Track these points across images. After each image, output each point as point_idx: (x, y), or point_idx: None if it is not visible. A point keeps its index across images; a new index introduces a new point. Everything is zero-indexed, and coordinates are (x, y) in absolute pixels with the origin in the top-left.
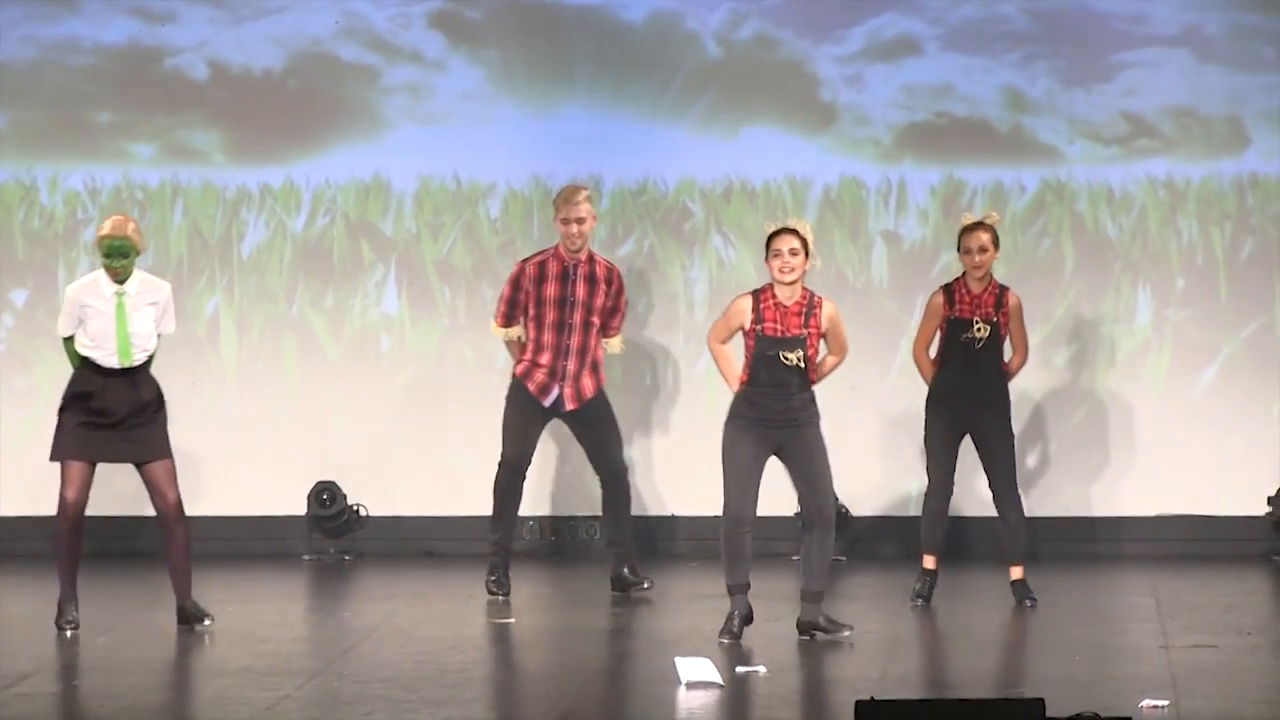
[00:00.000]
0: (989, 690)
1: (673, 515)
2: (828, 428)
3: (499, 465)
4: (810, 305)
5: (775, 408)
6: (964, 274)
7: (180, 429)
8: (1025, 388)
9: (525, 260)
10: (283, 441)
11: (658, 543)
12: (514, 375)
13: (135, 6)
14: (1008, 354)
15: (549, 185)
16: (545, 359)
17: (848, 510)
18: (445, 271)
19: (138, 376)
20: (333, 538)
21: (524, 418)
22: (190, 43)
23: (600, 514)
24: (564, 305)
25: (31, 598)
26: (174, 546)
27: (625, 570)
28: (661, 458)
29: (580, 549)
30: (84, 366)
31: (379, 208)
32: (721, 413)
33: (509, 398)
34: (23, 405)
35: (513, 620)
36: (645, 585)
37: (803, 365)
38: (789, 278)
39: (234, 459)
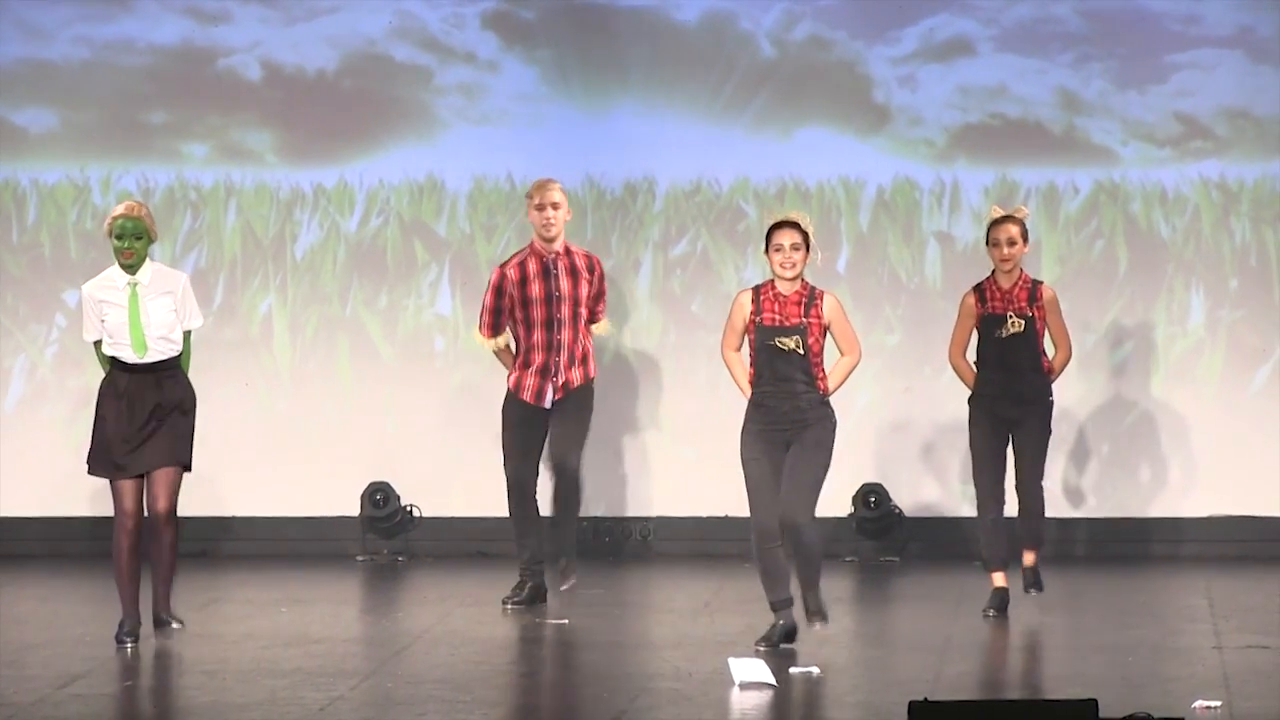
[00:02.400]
0: (1042, 691)
1: (726, 516)
2: (882, 428)
3: (507, 489)
4: (811, 297)
5: (782, 409)
6: (993, 271)
7: (234, 430)
8: (1078, 389)
9: (504, 265)
10: (336, 442)
11: (713, 544)
12: (508, 390)
13: (188, 7)
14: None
15: (602, 186)
16: (537, 359)
17: (901, 511)
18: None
19: (164, 375)
20: (386, 538)
21: (523, 433)
22: (243, 43)
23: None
24: (550, 301)
25: (86, 599)
26: (154, 548)
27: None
28: (714, 457)
29: (633, 549)
30: (112, 367)
31: (433, 208)
32: None
33: (504, 415)
34: (76, 405)
35: (566, 621)
36: (564, 586)
37: (801, 353)
38: (789, 273)
39: (287, 460)
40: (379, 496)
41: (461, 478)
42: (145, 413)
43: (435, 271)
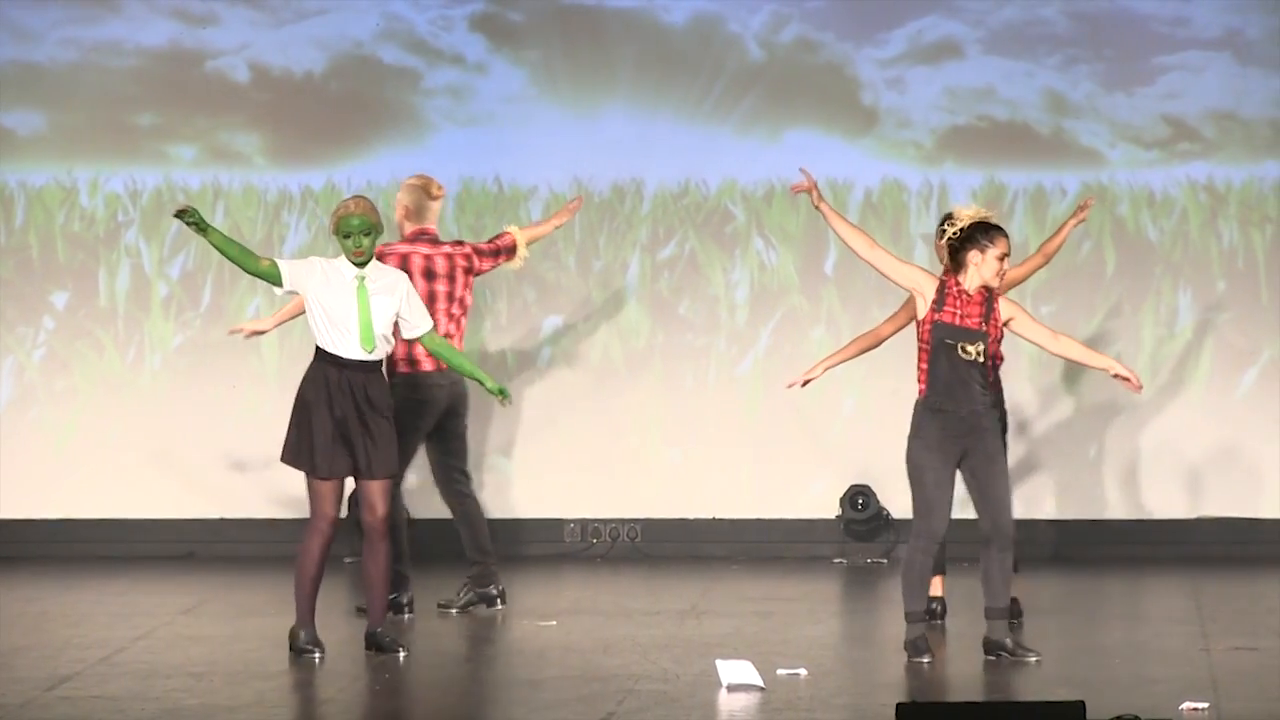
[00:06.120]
0: (1029, 693)
1: (714, 518)
2: (870, 430)
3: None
4: (989, 298)
5: (961, 413)
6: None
7: (221, 432)
8: (1065, 391)
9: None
10: None
11: (701, 545)
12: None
13: (176, 9)
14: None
15: (590, 188)
16: None
17: (889, 513)
18: (487, 274)
19: (371, 376)
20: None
21: None
22: (231, 45)
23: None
24: None
25: (74, 601)
26: (372, 562)
27: (494, 589)
28: (703, 460)
29: (621, 551)
30: (318, 360)
31: None
32: (763, 415)
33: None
34: (62, 407)
35: (554, 623)
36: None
37: (982, 361)
38: (998, 283)
39: (274, 464)
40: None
41: None
42: (355, 413)
43: None
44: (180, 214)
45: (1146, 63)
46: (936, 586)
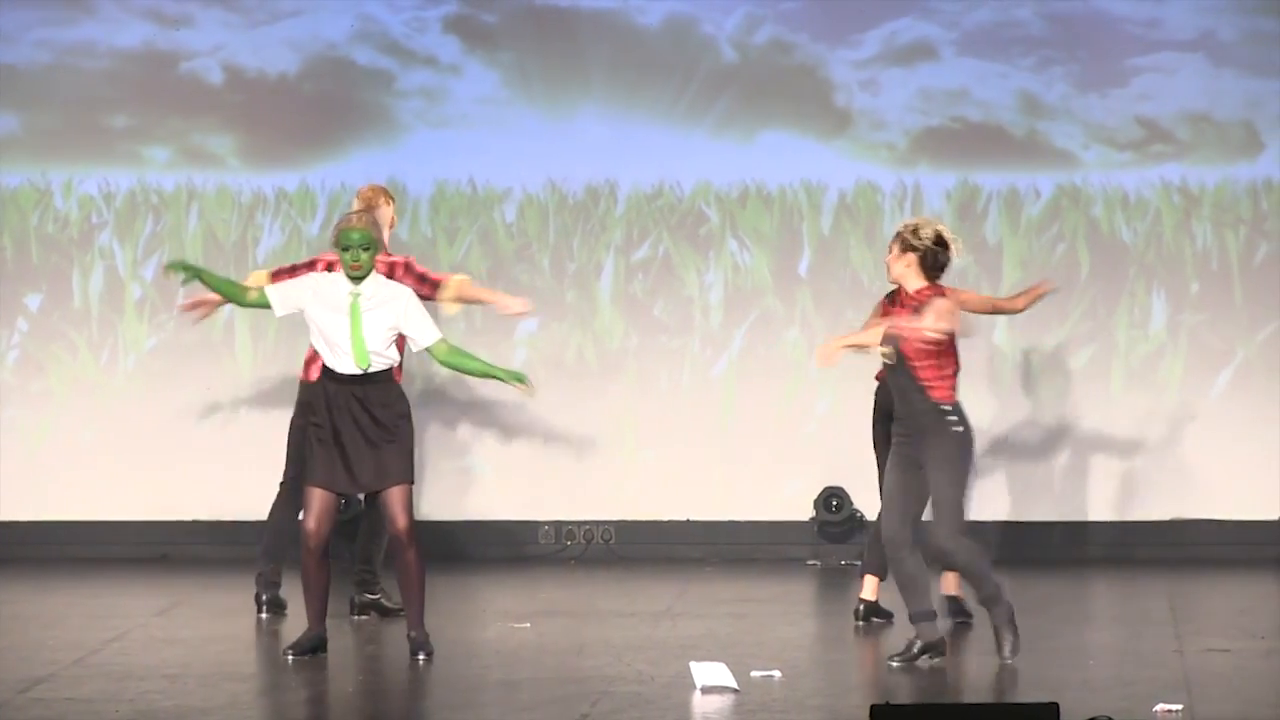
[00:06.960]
0: (1003, 695)
1: (688, 520)
2: (843, 431)
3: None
4: (928, 302)
5: (901, 415)
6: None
7: (194, 434)
8: (1040, 393)
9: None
10: None
11: (675, 547)
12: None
13: (150, 10)
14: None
15: (564, 190)
16: None
17: (863, 515)
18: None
19: (371, 387)
20: (350, 543)
21: None
22: (205, 46)
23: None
24: None
25: (44, 603)
26: (401, 572)
27: (381, 597)
28: (678, 462)
29: (595, 553)
30: (320, 375)
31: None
32: (737, 417)
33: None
34: (36, 409)
35: (528, 625)
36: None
37: (894, 363)
38: (889, 275)
39: (248, 466)
40: (342, 501)
41: (423, 482)
42: (355, 427)
43: None
44: (181, 272)
45: (1120, 64)
46: (951, 584)
